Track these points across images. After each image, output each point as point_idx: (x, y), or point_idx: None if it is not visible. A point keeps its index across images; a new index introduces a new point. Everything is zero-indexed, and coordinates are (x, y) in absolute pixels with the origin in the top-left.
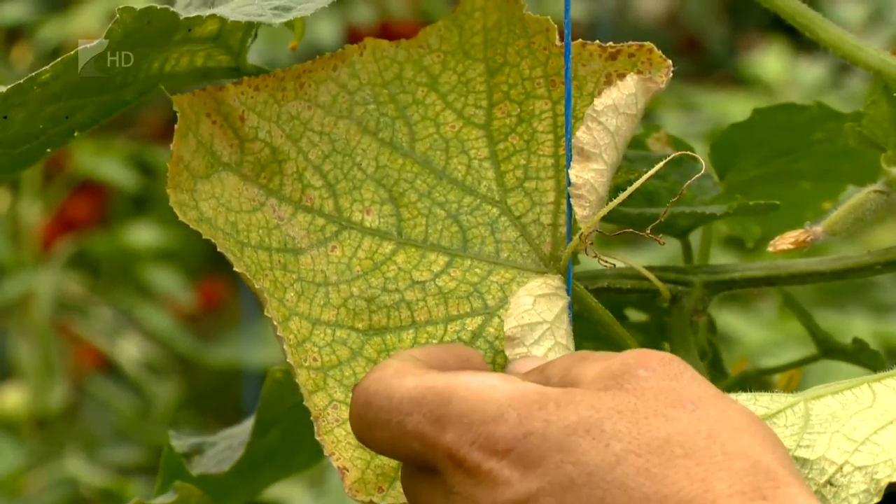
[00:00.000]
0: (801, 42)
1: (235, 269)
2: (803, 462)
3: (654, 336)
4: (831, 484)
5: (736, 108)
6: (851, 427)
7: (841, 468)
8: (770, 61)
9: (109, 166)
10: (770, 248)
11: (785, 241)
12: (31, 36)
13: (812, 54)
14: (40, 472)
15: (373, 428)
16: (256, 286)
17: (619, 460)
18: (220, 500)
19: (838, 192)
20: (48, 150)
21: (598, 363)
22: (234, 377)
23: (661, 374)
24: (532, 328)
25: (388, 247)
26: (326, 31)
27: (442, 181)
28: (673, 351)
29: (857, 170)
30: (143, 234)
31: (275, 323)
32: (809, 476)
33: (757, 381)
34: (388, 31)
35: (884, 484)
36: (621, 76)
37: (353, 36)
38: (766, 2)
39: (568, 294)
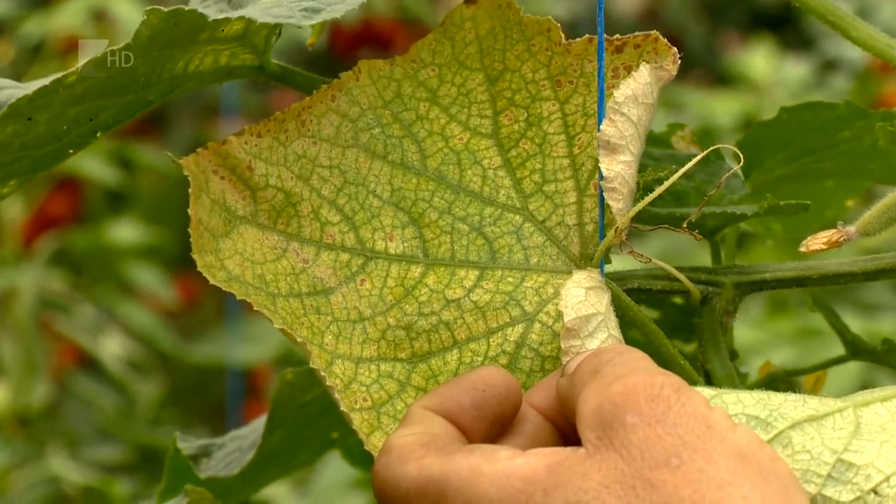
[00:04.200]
0: (786, 40)
1: (275, 326)
2: (849, 465)
3: (667, 334)
4: (876, 493)
5: (721, 106)
6: None
7: (888, 479)
8: (757, 60)
9: (91, 163)
10: (802, 249)
11: (818, 241)
12: (12, 32)
13: (798, 53)
14: (23, 471)
15: None
16: (298, 339)
17: None
18: (223, 500)
19: (861, 191)
20: (71, 151)
21: (598, 394)
22: (217, 374)
23: (648, 416)
24: (588, 320)
25: (416, 270)
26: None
27: (460, 195)
28: (703, 353)
29: (883, 169)
30: (124, 231)
31: (322, 373)
32: (854, 480)
33: (785, 382)
34: (370, 30)
35: None
36: (627, 68)
37: (337, 35)
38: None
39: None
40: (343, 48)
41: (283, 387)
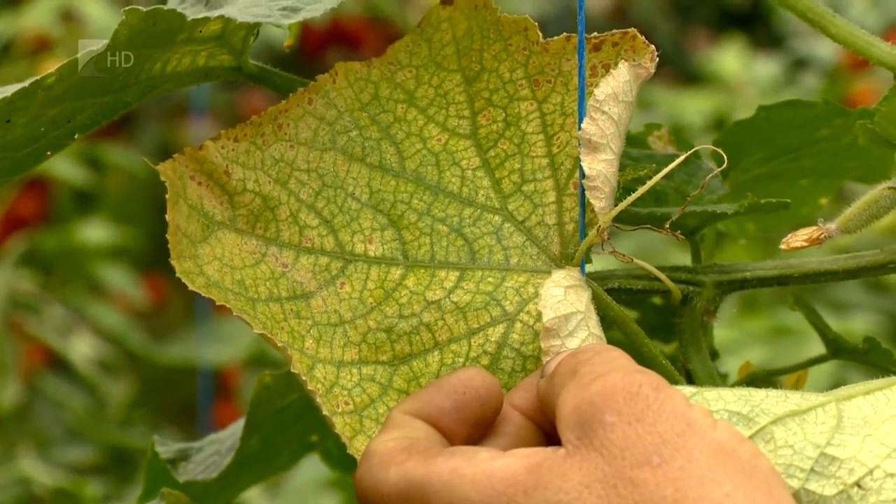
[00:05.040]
0: (756, 39)
1: (255, 331)
2: (832, 459)
3: (647, 334)
4: (859, 486)
5: (691, 104)
6: (884, 432)
7: (871, 472)
8: (727, 58)
9: (60, 163)
10: (783, 246)
11: (798, 238)
12: None
13: (768, 51)
14: None
15: None
16: (279, 344)
17: None
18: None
19: (836, 189)
20: (48, 153)
21: (577, 394)
22: (187, 375)
23: (627, 415)
24: (567, 319)
25: (396, 272)
26: (279, 31)
27: (439, 196)
28: (684, 353)
29: (861, 167)
30: (93, 231)
31: (303, 378)
32: (837, 474)
33: (765, 381)
34: (339, 29)
35: None
36: (606, 66)
37: (306, 35)
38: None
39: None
40: (312, 48)
41: (260, 390)
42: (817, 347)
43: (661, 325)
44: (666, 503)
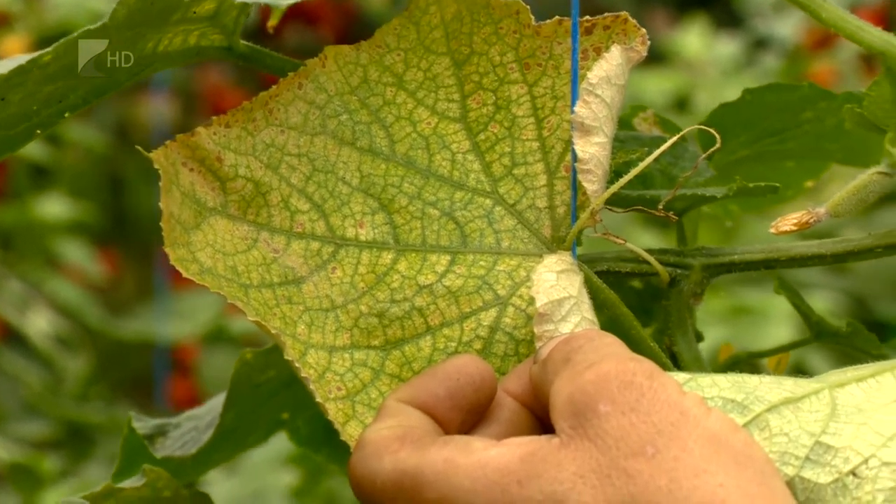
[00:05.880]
0: (717, 19)
1: (249, 318)
2: (827, 448)
3: None
4: (855, 474)
5: (653, 84)
6: (879, 420)
7: (867, 461)
8: (690, 38)
9: None
10: (772, 230)
11: (787, 222)
12: None
13: (728, 31)
14: None
15: None
16: (272, 330)
17: None
18: (176, 479)
19: (821, 172)
20: (38, 131)
21: (571, 382)
22: (143, 350)
23: (622, 404)
24: (560, 304)
25: (387, 257)
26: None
27: (429, 180)
28: (671, 335)
29: (844, 150)
30: (50, 206)
31: (296, 364)
32: (833, 462)
33: (748, 364)
34: (299, 6)
35: None
36: (597, 50)
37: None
38: None
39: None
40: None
41: (241, 367)
42: (777, 328)
43: (639, 308)
44: (660, 494)
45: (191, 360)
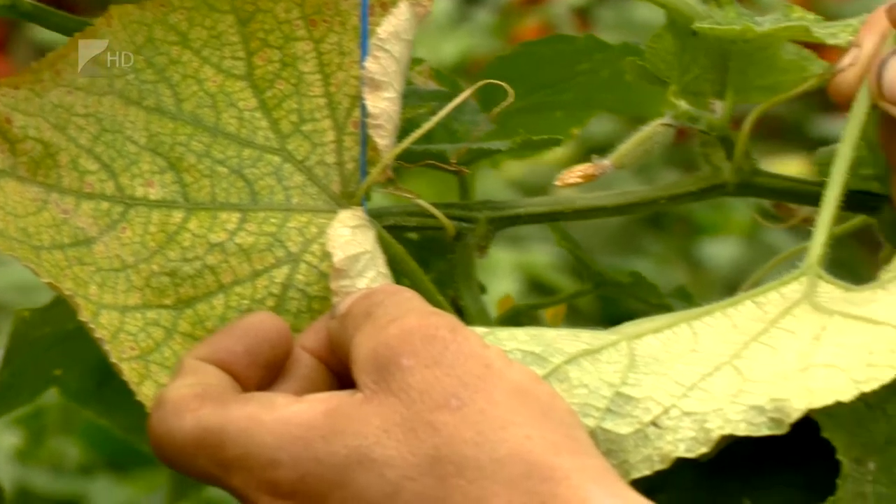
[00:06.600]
0: None
1: (43, 279)
2: (628, 399)
3: None
4: (656, 425)
5: None
6: (678, 371)
7: (667, 411)
8: None
9: None
10: (558, 183)
11: (573, 174)
12: None
13: None
14: None
15: (173, 465)
16: (66, 292)
17: (396, 489)
18: None
19: (587, 120)
20: None
21: (373, 337)
22: None
23: (425, 358)
24: (356, 259)
25: (177, 216)
26: None
27: (217, 138)
28: (456, 288)
29: (616, 99)
30: None
31: (90, 325)
32: (634, 414)
33: (527, 316)
34: None
35: (715, 436)
36: (383, 6)
37: None
38: None
39: None
40: None
41: (18, 324)
42: (501, 281)
43: (417, 260)
44: (466, 446)
45: None
